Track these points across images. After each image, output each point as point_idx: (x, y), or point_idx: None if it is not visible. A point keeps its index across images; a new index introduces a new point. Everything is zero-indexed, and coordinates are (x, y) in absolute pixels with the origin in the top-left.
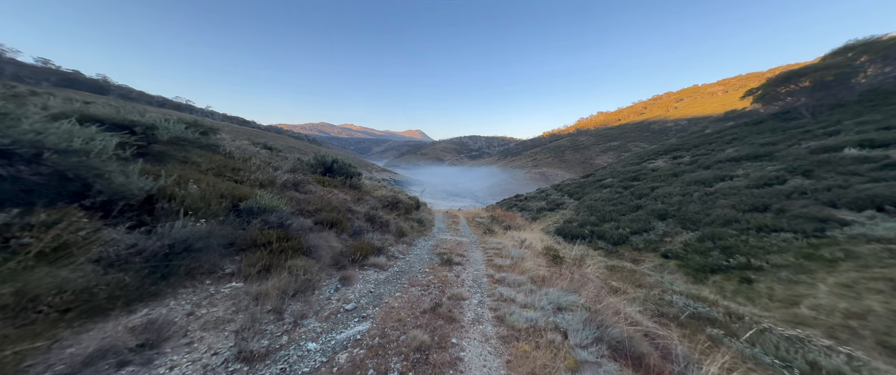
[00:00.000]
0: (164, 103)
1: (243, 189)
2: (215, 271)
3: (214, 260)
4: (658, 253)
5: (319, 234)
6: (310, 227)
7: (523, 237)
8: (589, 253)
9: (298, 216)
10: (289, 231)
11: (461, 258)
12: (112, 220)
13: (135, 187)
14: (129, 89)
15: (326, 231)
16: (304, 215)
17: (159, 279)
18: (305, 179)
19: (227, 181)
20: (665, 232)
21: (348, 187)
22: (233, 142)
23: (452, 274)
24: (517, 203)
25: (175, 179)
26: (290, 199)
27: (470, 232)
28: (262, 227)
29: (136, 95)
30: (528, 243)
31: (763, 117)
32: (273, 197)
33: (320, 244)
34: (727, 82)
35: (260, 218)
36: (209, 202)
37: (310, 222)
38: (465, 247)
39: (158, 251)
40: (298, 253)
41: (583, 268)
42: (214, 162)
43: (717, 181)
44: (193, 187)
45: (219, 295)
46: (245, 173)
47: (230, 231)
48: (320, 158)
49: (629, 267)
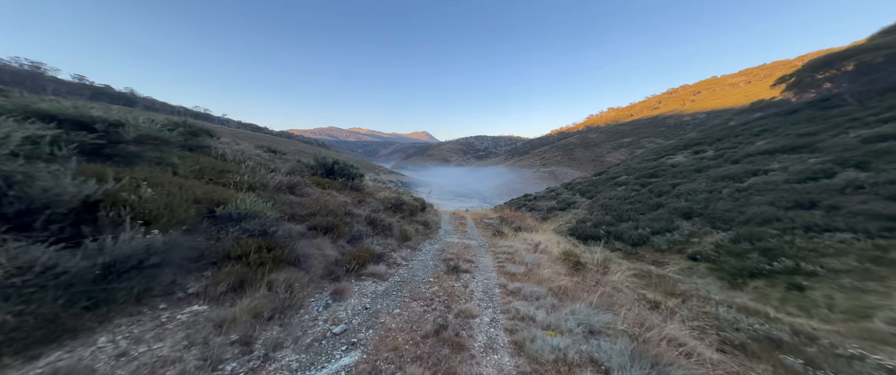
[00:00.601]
0: (185, 113)
1: (224, 193)
2: (174, 292)
3: (175, 278)
4: (684, 255)
5: (312, 241)
6: (301, 233)
7: (536, 239)
8: (611, 257)
9: (289, 222)
10: (273, 239)
11: (469, 264)
12: (31, 234)
13: (68, 192)
14: (153, 101)
15: (321, 238)
16: (296, 221)
17: (86, 309)
18: (302, 181)
19: (209, 185)
20: (691, 232)
21: (349, 189)
22: (234, 145)
23: (460, 284)
24: (526, 203)
25: (126, 183)
26: (282, 203)
27: (478, 234)
28: (241, 235)
29: (159, 105)
30: (543, 246)
31: (797, 106)
32: (256, 201)
33: (312, 253)
34: (750, 72)
35: (239, 225)
36: (174, 209)
37: (302, 228)
38: (473, 251)
39: (85, 273)
40: (284, 264)
41: (608, 275)
42: (200, 164)
43: (748, 176)
44: (147, 191)
45: (172, 324)
46: (234, 175)
47: (202, 242)
48: (321, 159)
49: (656, 272)
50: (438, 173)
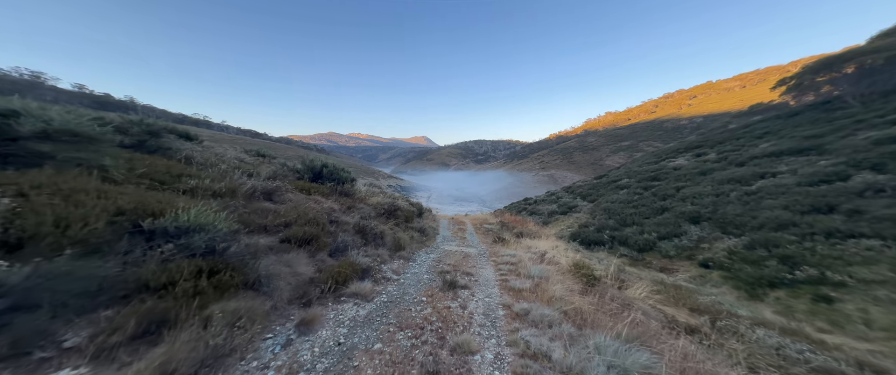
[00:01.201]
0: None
1: (169, 201)
2: (33, 350)
3: (49, 327)
4: (695, 262)
5: (283, 256)
6: (271, 247)
7: (540, 246)
8: (625, 268)
9: (257, 234)
10: (222, 259)
11: (468, 277)
12: None
13: None
14: (153, 108)
15: (295, 251)
16: (267, 232)
17: None
18: (283, 186)
19: (152, 191)
20: (700, 237)
21: (339, 195)
22: (216, 149)
23: (457, 305)
24: (526, 207)
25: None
26: (254, 211)
27: (478, 241)
28: (176, 255)
29: (159, 113)
30: (550, 256)
31: (798, 109)
32: (204, 211)
33: (279, 272)
34: (744, 77)
35: (177, 242)
36: (66, 226)
37: (272, 241)
38: (472, 261)
39: None
40: (235, 291)
41: (625, 291)
42: (149, 167)
43: (755, 179)
44: (3, 202)
45: None
46: (194, 180)
47: (112, 269)
48: (308, 163)
49: (669, 281)
50: (438, 177)
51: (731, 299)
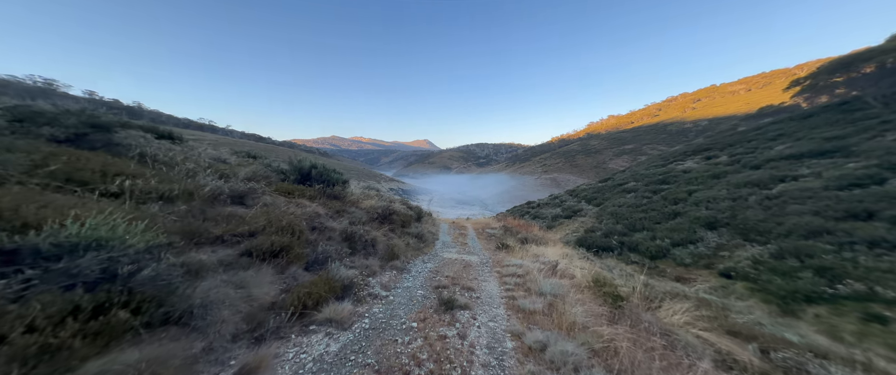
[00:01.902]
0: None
1: (61, 205)
2: None
3: None
4: (714, 271)
5: (238, 274)
6: (222, 264)
7: (548, 255)
8: (649, 282)
9: (210, 246)
10: (129, 286)
11: (469, 293)
12: None
13: None
14: (159, 113)
15: (257, 267)
16: (224, 244)
17: None
18: (260, 188)
19: (56, 194)
20: (718, 244)
21: (328, 198)
22: (195, 148)
23: (455, 333)
24: (529, 211)
25: None
26: (214, 218)
27: (480, 248)
28: (38, 287)
29: (165, 118)
30: (563, 268)
31: (812, 111)
32: (106, 221)
33: (226, 297)
34: (749, 80)
35: (53, 266)
36: None
37: (229, 255)
38: (474, 272)
39: None
40: (148, 329)
41: (658, 311)
42: (70, 165)
43: (775, 183)
44: None
45: None
46: (135, 180)
47: None
48: (296, 163)
49: (688, 293)
50: (439, 180)
51: (761, 314)
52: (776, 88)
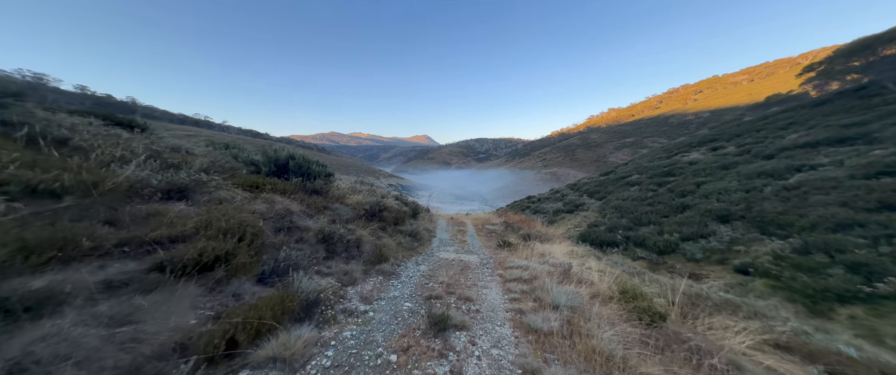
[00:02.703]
0: (185, 120)
1: None
2: None
3: None
4: (729, 267)
5: (130, 301)
6: (105, 287)
7: (555, 253)
8: (687, 290)
9: (75, 264)
10: None
11: (467, 306)
12: None
13: None
14: (154, 108)
15: (172, 286)
16: (126, 257)
17: None
18: (213, 181)
19: None
20: (733, 238)
21: (307, 193)
22: (172, 140)
23: (446, 370)
24: (530, 205)
25: None
26: (125, 218)
27: (480, 246)
28: None
29: (160, 114)
30: (577, 272)
31: (825, 97)
32: None
33: (75, 348)
34: (752, 71)
35: None
36: None
37: (130, 270)
38: (473, 276)
39: None
40: None
41: (711, 335)
42: None
43: (790, 173)
44: None
45: None
46: (36, 169)
47: None
48: (271, 154)
49: (706, 292)
50: (439, 176)
51: (787, 314)
52: (780, 78)
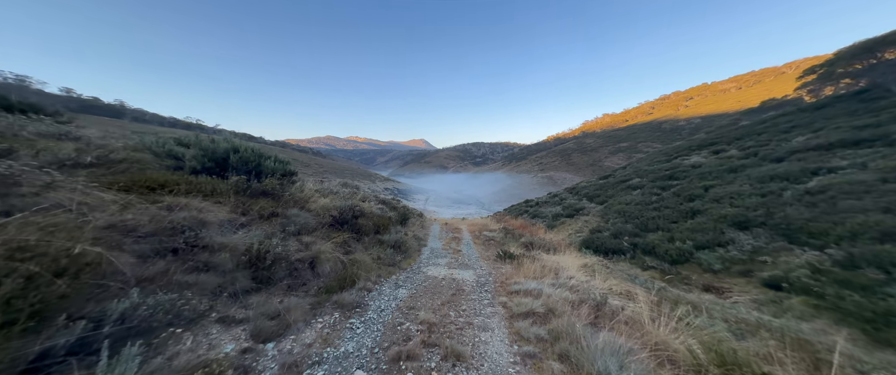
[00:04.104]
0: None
1: None
2: None
3: None
4: (755, 280)
5: None
6: None
7: (569, 268)
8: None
9: None
10: None
11: (456, 370)
12: None
13: None
14: (144, 112)
15: None
16: None
17: None
18: (54, 180)
19: None
20: (755, 248)
21: (253, 195)
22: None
23: None
24: (528, 209)
25: None
26: None
27: (477, 257)
28: None
29: (150, 117)
30: (616, 306)
31: (825, 101)
32: None
33: None
34: (740, 79)
35: None
36: None
37: None
38: (467, 308)
39: None
40: None
41: None
42: None
43: (807, 176)
44: None
45: None
46: None
47: None
48: (208, 148)
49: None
50: (436, 179)
51: (839, 341)
52: (766, 86)
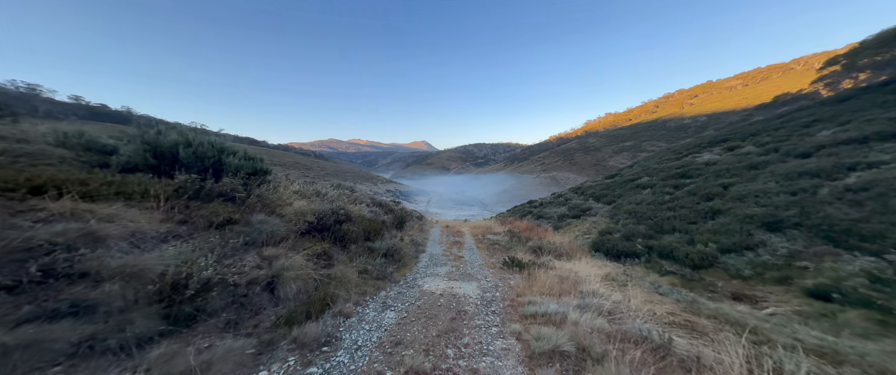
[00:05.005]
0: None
1: None
2: None
3: None
4: (794, 288)
5: None
6: None
7: (589, 279)
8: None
9: None
10: None
11: None
12: None
13: None
14: (150, 118)
15: None
16: None
17: None
18: None
19: None
20: (792, 252)
21: (207, 199)
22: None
23: None
24: (532, 210)
25: None
26: None
27: (481, 265)
28: None
29: (156, 122)
30: (682, 349)
31: (848, 93)
32: None
33: None
34: (746, 75)
35: None
36: None
37: None
38: (470, 342)
39: None
40: None
41: None
42: None
43: (842, 172)
44: None
45: None
46: None
47: None
48: (151, 141)
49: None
50: (438, 181)
51: None
52: (774, 82)
